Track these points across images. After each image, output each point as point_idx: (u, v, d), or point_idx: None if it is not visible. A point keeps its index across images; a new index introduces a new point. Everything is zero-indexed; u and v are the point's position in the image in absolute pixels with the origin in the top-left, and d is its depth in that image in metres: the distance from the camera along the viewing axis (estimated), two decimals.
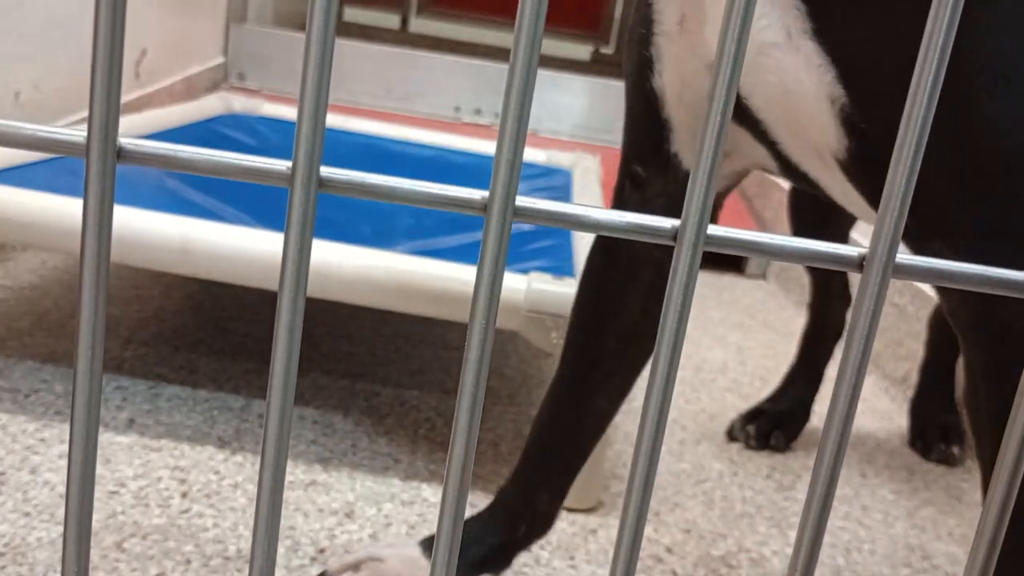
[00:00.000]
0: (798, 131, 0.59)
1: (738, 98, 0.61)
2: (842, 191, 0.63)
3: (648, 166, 0.69)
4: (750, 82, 0.59)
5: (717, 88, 0.27)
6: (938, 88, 0.28)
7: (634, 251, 0.72)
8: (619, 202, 0.74)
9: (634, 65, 0.67)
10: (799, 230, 1.17)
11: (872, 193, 0.58)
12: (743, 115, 0.62)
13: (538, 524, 0.78)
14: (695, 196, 0.28)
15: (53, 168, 1.19)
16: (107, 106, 0.27)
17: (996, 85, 0.52)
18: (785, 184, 2.10)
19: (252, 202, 1.24)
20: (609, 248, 0.74)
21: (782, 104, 0.58)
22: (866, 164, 0.56)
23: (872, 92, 0.54)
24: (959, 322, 0.58)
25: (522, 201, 0.29)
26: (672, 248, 0.29)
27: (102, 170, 0.28)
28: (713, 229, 0.29)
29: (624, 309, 0.73)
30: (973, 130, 0.53)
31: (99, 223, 0.28)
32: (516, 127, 0.27)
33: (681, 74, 0.64)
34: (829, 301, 1.20)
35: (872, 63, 0.54)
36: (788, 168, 0.65)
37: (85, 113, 1.55)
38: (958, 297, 0.57)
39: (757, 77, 0.58)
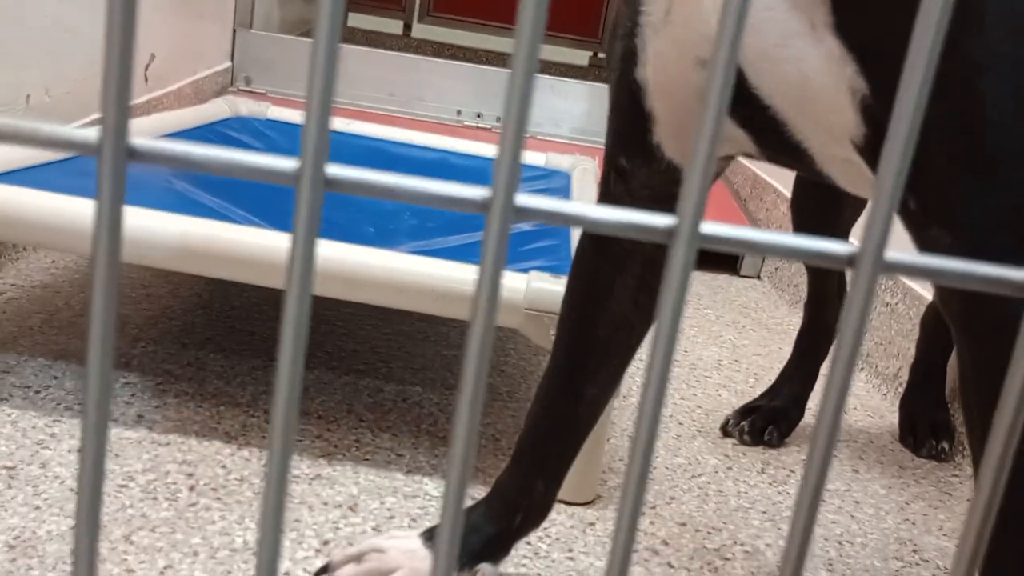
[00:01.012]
0: (814, 116, 0.60)
1: (741, 85, 0.62)
2: (843, 171, 0.64)
3: (632, 158, 0.70)
4: (765, 69, 0.60)
5: (712, 91, 0.29)
6: (927, 88, 0.29)
7: (623, 245, 0.73)
8: (605, 194, 0.74)
9: (619, 58, 0.68)
10: (800, 231, 1.18)
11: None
12: (744, 102, 0.63)
13: (534, 513, 0.80)
14: (689, 194, 0.30)
15: (63, 169, 1.21)
16: (119, 107, 0.28)
17: (999, 76, 0.53)
18: (781, 187, 2.12)
19: (258, 203, 1.25)
20: (598, 241, 0.75)
21: (800, 92, 0.59)
22: (878, 150, 0.58)
23: (893, 85, 0.55)
24: (951, 313, 0.59)
25: (522, 200, 0.30)
26: (662, 244, 0.31)
27: (114, 169, 0.29)
28: (707, 227, 0.31)
29: (614, 300, 0.75)
30: (976, 119, 0.54)
31: (111, 221, 0.29)
32: (516, 129, 0.29)
33: (664, 65, 0.65)
34: (825, 301, 1.22)
35: (893, 58, 0.55)
36: (782, 151, 0.66)
37: (95, 116, 1.57)
38: (950, 288, 0.58)
39: (775, 66, 0.59)
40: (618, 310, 0.75)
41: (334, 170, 0.30)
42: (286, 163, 0.31)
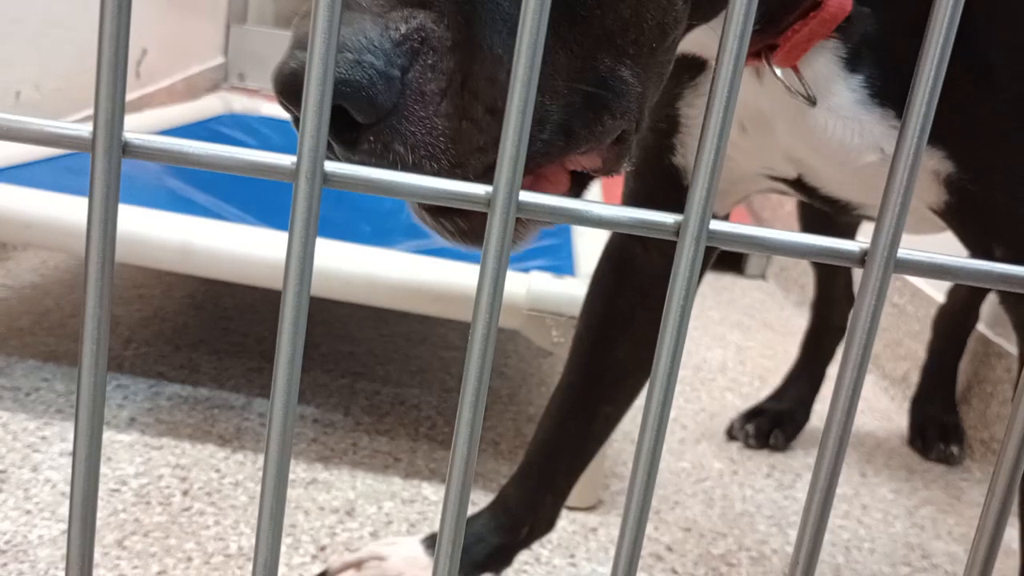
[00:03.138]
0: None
1: (806, 184, 0.63)
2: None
3: (663, 208, 0.69)
4: (836, 187, 0.62)
5: (718, 91, 0.27)
6: (939, 86, 0.28)
7: (646, 270, 0.72)
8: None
9: (651, 147, 0.67)
10: (808, 229, 1.17)
11: (967, 233, 0.60)
12: (798, 186, 0.64)
13: (541, 525, 0.79)
14: (697, 191, 0.29)
15: (54, 167, 1.19)
16: (112, 101, 0.27)
17: None
18: None
19: (253, 201, 1.24)
20: (619, 264, 0.74)
21: (873, 184, 0.60)
22: (963, 211, 0.59)
23: (982, 157, 0.56)
24: (1017, 321, 0.60)
25: (526, 196, 0.29)
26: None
27: (107, 165, 0.28)
28: (715, 224, 0.29)
29: (636, 321, 0.74)
30: None
31: (104, 217, 0.28)
32: (519, 123, 0.27)
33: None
34: (832, 301, 1.20)
35: (979, 135, 0.55)
36: (827, 206, 0.68)
37: (85, 112, 1.55)
38: (1015, 297, 0.58)
39: (852, 186, 0.61)
40: (639, 331, 0.74)
41: (332, 166, 0.28)
42: (283, 159, 0.29)
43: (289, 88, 0.37)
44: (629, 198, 0.71)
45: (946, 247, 0.65)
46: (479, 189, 0.29)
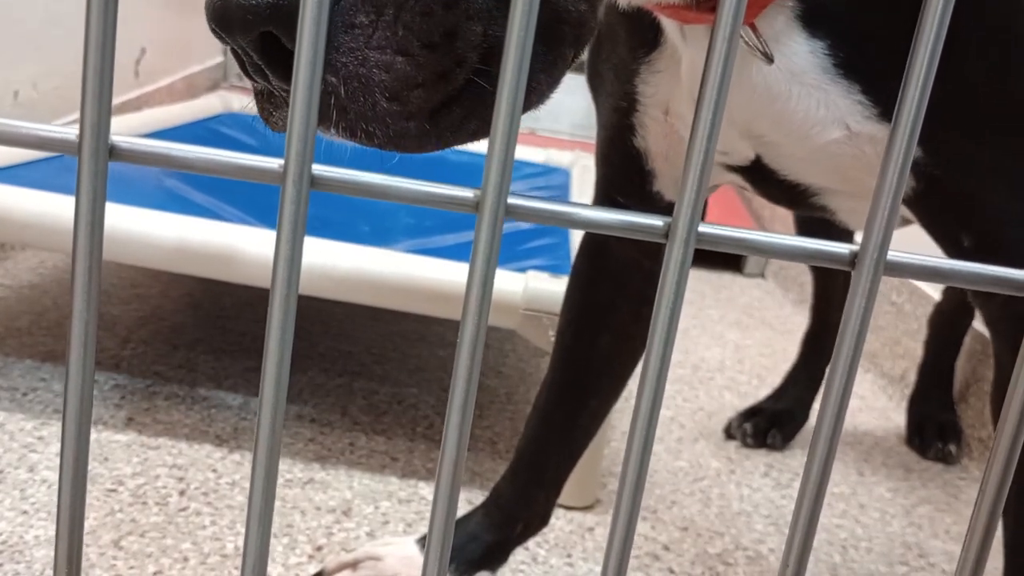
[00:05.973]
0: (850, 186, 0.60)
1: (764, 167, 0.61)
2: (851, 208, 0.64)
3: (629, 197, 0.69)
4: (796, 169, 0.59)
5: (708, 94, 0.27)
6: (929, 85, 0.28)
7: (622, 262, 0.72)
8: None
9: (614, 128, 0.66)
10: (802, 231, 1.16)
11: (934, 223, 0.58)
12: (757, 172, 0.62)
13: (535, 522, 0.79)
14: (686, 194, 0.29)
15: (51, 167, 1.19)
16: (99, 104, 0.27)
17: None
18: None
19: (251, 201, 1.24)
20: (595, 258, 0.74)
21: (836, 173, 0.58)
22: (931, 199, 0.57)
23: (948, 137, 0.54)
24: (988, 317, 0.59)
25: (514, 199, 0.29)
26: (662, 256, 0.29)
27: (94, 168, 0.28)
28: (704, 227, 0.29)
29: (616, 314, 0.74)
30: None
31: (91, 221, 0.28)
32: (507, 125, 0.27)
33: (668, 143, 0.64)
34: (831, 301, 1.20)
35: (943, 114, 0.53)
36: (788, 200, 0.66)
37: None
38: (985, 293, 0.57)
39: (815, 166, 0.59)
40: (620, 323, 0.74)
41: (321, 169, 0.28)
42: (271, 162, 0.29)
43: (222, 19, 0.36)
44: (600, 185, 0.71)
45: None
46: (467, 192, 0.29)
